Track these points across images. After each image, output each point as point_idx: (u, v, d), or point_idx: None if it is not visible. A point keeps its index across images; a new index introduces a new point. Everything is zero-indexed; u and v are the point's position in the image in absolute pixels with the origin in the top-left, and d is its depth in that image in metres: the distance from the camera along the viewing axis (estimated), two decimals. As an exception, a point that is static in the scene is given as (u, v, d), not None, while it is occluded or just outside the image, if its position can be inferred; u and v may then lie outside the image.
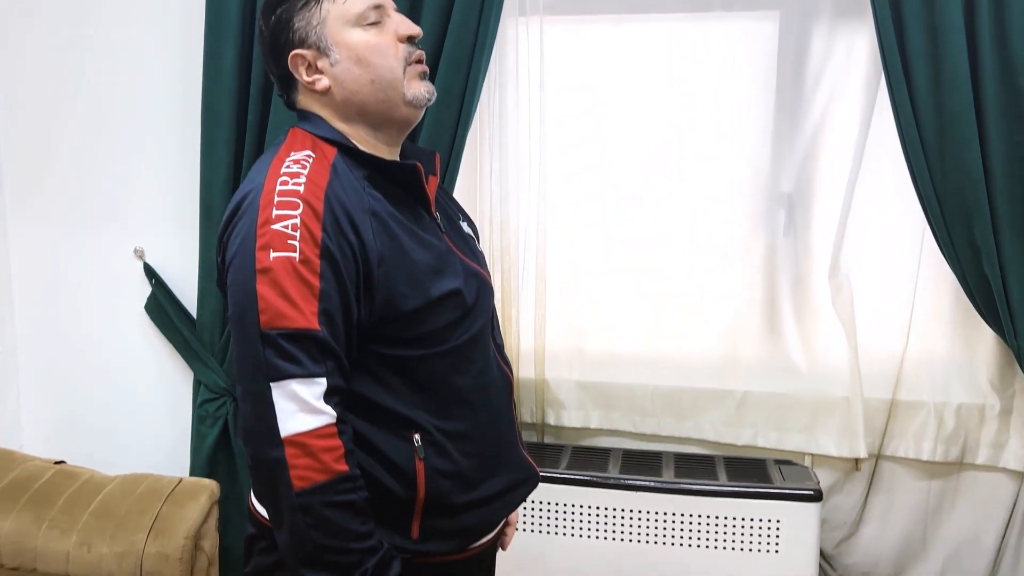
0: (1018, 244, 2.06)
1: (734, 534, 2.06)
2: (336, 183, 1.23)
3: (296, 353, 1.15)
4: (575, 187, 2.44)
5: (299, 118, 1.37)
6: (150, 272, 2.58)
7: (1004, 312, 2.10)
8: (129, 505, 2.28)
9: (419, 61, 1.34)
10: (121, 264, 2.62)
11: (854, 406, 2.28)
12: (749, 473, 2.17)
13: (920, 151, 2.07)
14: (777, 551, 2.04)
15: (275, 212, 1.17)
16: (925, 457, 2.29)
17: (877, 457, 2.32)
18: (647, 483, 2.11)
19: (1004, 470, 2.27)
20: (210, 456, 2.50)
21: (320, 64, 1.29)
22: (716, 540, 2.07)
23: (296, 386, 1.15)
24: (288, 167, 1.22)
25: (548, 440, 2.49)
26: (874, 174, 2.26)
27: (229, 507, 2.53)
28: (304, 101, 1.35)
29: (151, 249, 2.60)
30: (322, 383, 1.16)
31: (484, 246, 2.41)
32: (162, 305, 2.56)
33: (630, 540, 2.11)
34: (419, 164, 1.32)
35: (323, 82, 1.30)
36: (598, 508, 2.12)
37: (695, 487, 2.08)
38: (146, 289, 2.59)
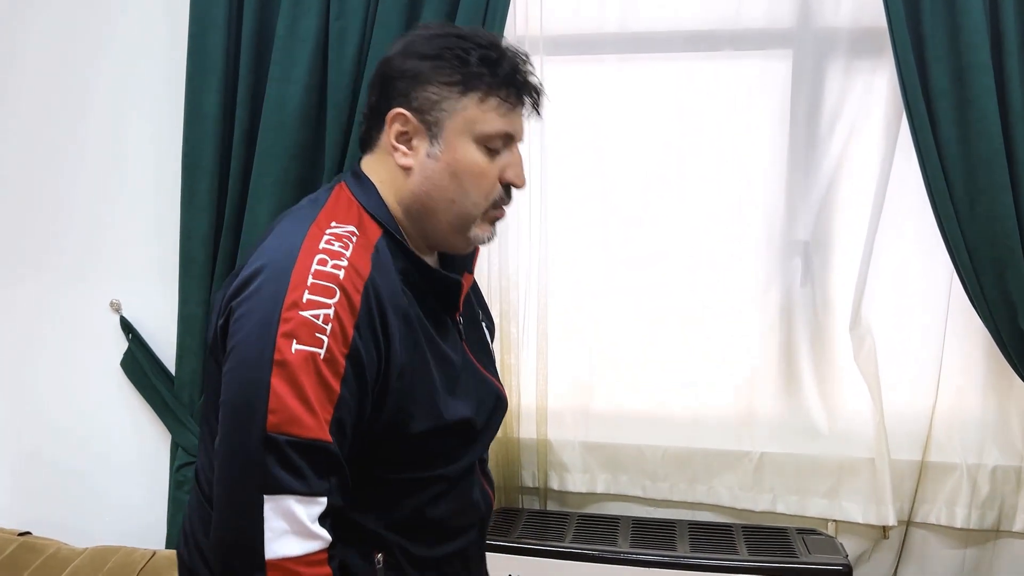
0: (1055, 296, 1.93)
1: (757, 615, 1.89)
2: (378, 275, 1.07)
3: (302, 466, 0.99)
4: (579, 235, 2.31)
5: (352, 172, 1.21)
6: (126, 326, 2.43)
7: (1041, 369, 1.95)
8: (97, 583, 2.10)
9: (501, 207, 1.21)
10: (96, 318, 2.47)
11: (880, 468, 2.13)
12: (771, 545, 2.00)
13: (947, 197, 1.94)
14: (804, 633, 1.87)
15: (307, 296, 1.01)
16: (959, 524, 2.13)
17: (907, 524, 2.16)
18: (662, 558, 1.94)
19: (1044, 538, 2.11)
20: (188, 525, 2.33)
21: (416, 142, 1.14)
22: (737, 621, 1.90)
23: (294, 503, 0.99)
24: (329, 243, 1.06)
25: (551, 507, 2.32)
26: (896, 220, 2.13)
27: (208, 580, 2.35)
28: (376, 155, 1.19)
29: (128, 302, 2.45)
30: (322, 503, 1.01)
31: (483, 290, 2.28)
32: (139, 361, 2.41)
33: (641, 623, 1.94)
34: (462, 279, 1.21)
35: (407, 160, 1.15)
36: (609, 587, 1.95)
37: (714, 563, 1.92)
38: (122, 344, 2.44)
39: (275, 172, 2.19)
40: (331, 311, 1.00)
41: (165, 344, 2.41)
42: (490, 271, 2.29)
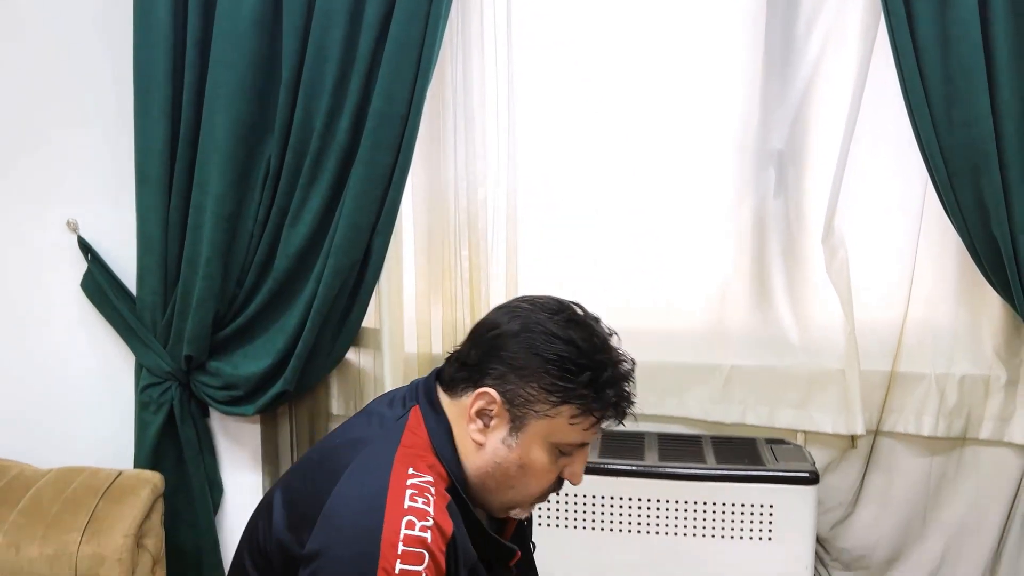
0: (1029, 202, 1.90)
1: (723, 520, 1.90)
2: (456, 531, 1.06)
3: None
4: (548, 149, 2.26)
5: (428, 399, 1.16)
6: (85, 246, 2.36)
7: (1013, 277, 1.93)
8: (62, 502, 2.08)
9: (548, 496, 1.19)
10: (53, 238, 2.40)
11: (850, 379, 2.12)
12: (739, 454, 2.01)
13: (924, 101, 1.90)
14: (770, 538, 1.89)
15: (399, 566, 0.99)
16: (926, 433, 2.14)
17: (875, 433, 2.17)
18: (629, 467, 1.94)
19: (1010, 445, 2.12)
20: (155, 446, 2.31)
21: (494, 425, 1.12)
22: (704, 527, 1.91)
23: None
24: (413, 499, 1.03)
25: (522, 422, 2.31)
26: (872, 128, 2.08)
27: (177, 501, 2.35)
28: (456, 403, 1.15)
29: (85, 222, 2.38)
30: None
31: (449, 219, 2.24)
32: (98, 282, 2.35)
33: (611, 529, 1.95)
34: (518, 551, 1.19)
35: (480, 438, 1.13)
36: (575, 496, 1.95)
37: (681, 471, 1.92)
38: (81, 265, 2.38)
39: (231, 82, 2.11)
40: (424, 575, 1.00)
41: (125, 263, 2.35)
42: (457, 195, 2.23)
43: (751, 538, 1.90)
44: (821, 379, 2.17)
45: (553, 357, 1.08)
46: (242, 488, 2.47)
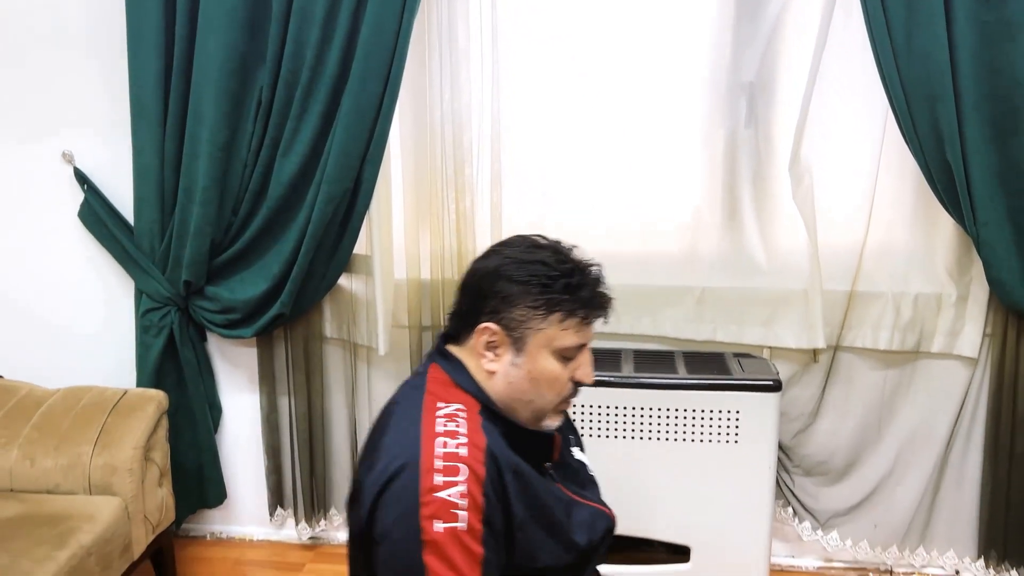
0: (981, 129, 2.03)
1: (693, 426, 2.05)
2: (491, 440, 1.20)
3: None
4: (530, 80, 2.34)
5: (440, 352, 1.31)
6: (81, 177, 2.43)
7: (964, 199, 2.07)
8: (73, 418, 2.19)
9: (569, 400, 1.31)
10: (49, 170, 2.46)
11: (813, 298, 2.27)
12: (708, 366, 2.15)
13: (885, 32, 2.01)
14: (736, 441, 2.05)
15: (438, 478, 1.13)
16: (882, 347, 2.30)
17: (835, 348, 2.33)
18: (606, 378, 2.09)
19: (959, 357, 2.29)
20: (156, 368, 2.42)
21: (501, 351, 1.26)
22: (676, 432, 2.06)
23: None
24: (444, 424, 1.19)
25: (506, 342, 2.44)
26: (837, 61, 2.19)
27: (180, 419, 2.47)
28: (464, 349, 1.29)
29: (80, 153, 2.45)
30: None
31: (436, 150, 2.33)
32: (96, 212, 2.43)
33: (591, 435, 2.09)
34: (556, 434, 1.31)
35: (493, 366, 1.27)
36: (558, 406, 2.10)
37: (655, 381, 2.07)
38: (78, 195, 2.45)
39: (222, 14, 2.17)
40: (464, 487, 1.13)
41: (122, 194, 2.43)
42: (444, 126, 2.31)
43: (719, 441, 2.06)
44: (786, 299, 2.31)
45: (530, 278, 1.23)
46: (240, 408, 2.60)
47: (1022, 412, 2.23)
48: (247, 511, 2.67)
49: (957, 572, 2.43)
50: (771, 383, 2.04)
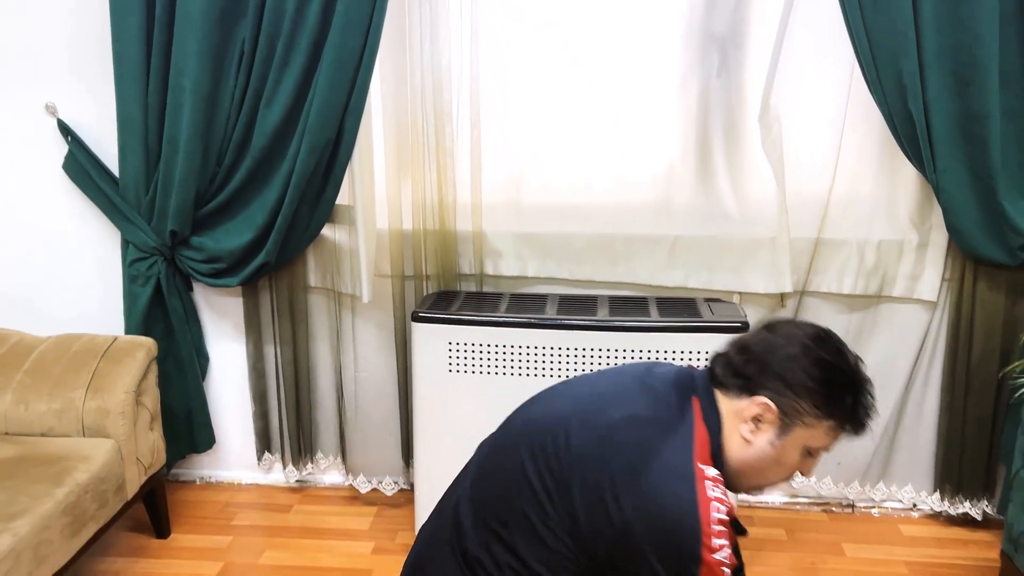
0: (942, 80, 2.11)
1: (666, 367, 2.14)
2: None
3: None
4: (508, 34, 2.38)
5: (706, 390, 1.33)
6: (65, 129, 2.46)
7: (925, 148, 2.16)
8: (64, 364, 2.25)
9: None
10: (33, 122, 2.49)
11: (781, 246, 2.36)
12: (680, 310, 2.24)
13: (852, -15, 2.08)
14: (706, 381, 2.14)
15: (715, 542, 1.20)
16: (846, 291, 2.40)
17: (801, 293, 2.43)
18: (583, 322, 2.17)
19: (919, 301, 2.40)
20: (144, 316, 2.47)
21: (764, 428, 1.30)
22: (649, 374, 2.15)
23: None
24: (711, 489, 1.24)
25: (487, 289, 2.52)
26: (806, 14, 2.25)
27: (168, 367, 2.53)
28: (729, 400, 1.32)
29: (63, 105, 2.47)
30: None
31: (416, 102, 2.38)
32: (80, 163, 2.46)
33: (570, 376, 2.18)
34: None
35: (751, 437, 1.31)
36: (536, 348, 2.18)
37: (629, 324, 2.15)
38: (62, 147, 2.48)
39: None
40: (727, 550, 1.22)
41: (106, 145, 2.46)
42: (424, 79, 2.35)
43: (689, 381, 2.15)
44: (756, 246, 2.40)
45: (824, 380, 1.27)
46: (227, 356, 2.67)
47: (978, 353, 2.34)
48: (235, 456, 2.75)
49: (914, 505, 2.57)
50: (739, 325, 2.13)
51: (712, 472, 1.27)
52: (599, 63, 2.38)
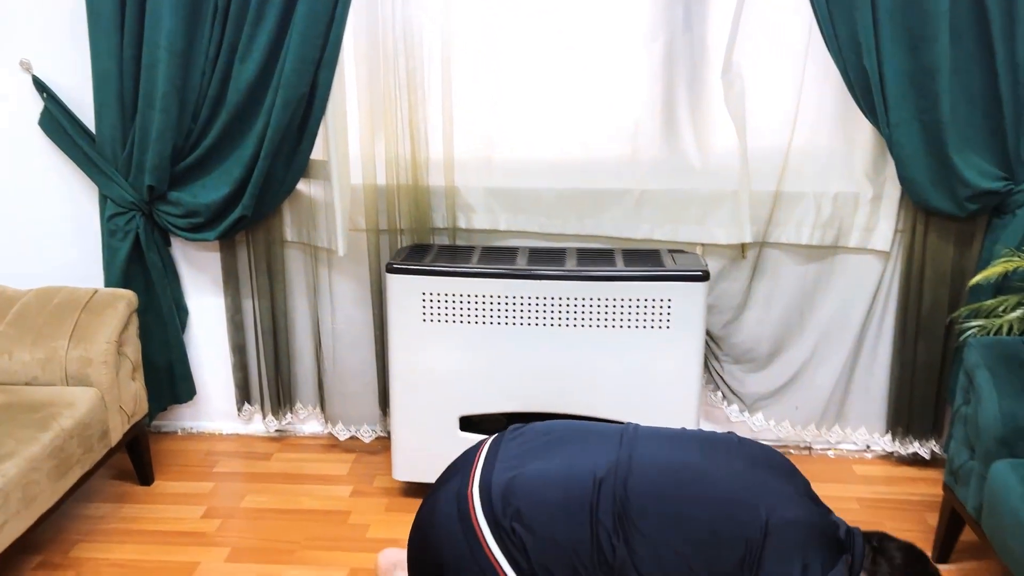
0: (894, 36, 2.19)
1: (631, 313, 2.24)
2: None
3: None
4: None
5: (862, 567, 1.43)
6: (40, 85, 2.48)
7: (879, 102, 2.25)
8: (47, 315, 2.30)
9: None
10: (8, 78, 2.51)
11: (742, 198, 2.45)
12: (645, 261, 2.33)
13: (810, -57, 2.14)
14: (668, 327, 2.24)
15: None
16: (804, 242, 2.50)
17: (761, 245, 2.52)
18: (551, 272, 2.25)
19: (873, 251, 2.50)
20: (124, 271, 2.52)
21: None
22: (615, 319, 2.25)
23: None
24: None
25: (460, 243, 2.60)
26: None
27: (149, 320, 2.59)
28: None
29: (38, 61, 2.49)
30: None
31: (388, 59, 2.42)
32: (56, 119, 2.49)
33: (539, 324, 2.27)
34: None
35: None
36: (507, 297, 2.26)
37: (595, 273, 2.24)
38: (38, 103, 2.51)
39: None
40: None
41: (82, 101, 2.49)
42: (396, 35, 2.39)
43: (653, 327, 2.25)
44: (718, 199, 2.49)
45: None
46: (206, 310, 2.73)
47: (928, 301, 2.46)
48: (216, 408, 2.83)
49: (868, 446, 2.70)
50: (700, 273, 2.23)
51: None
52: (567, 20, 2.43)
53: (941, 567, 2.14)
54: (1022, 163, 2.27)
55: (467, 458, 1.61)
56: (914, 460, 2.64)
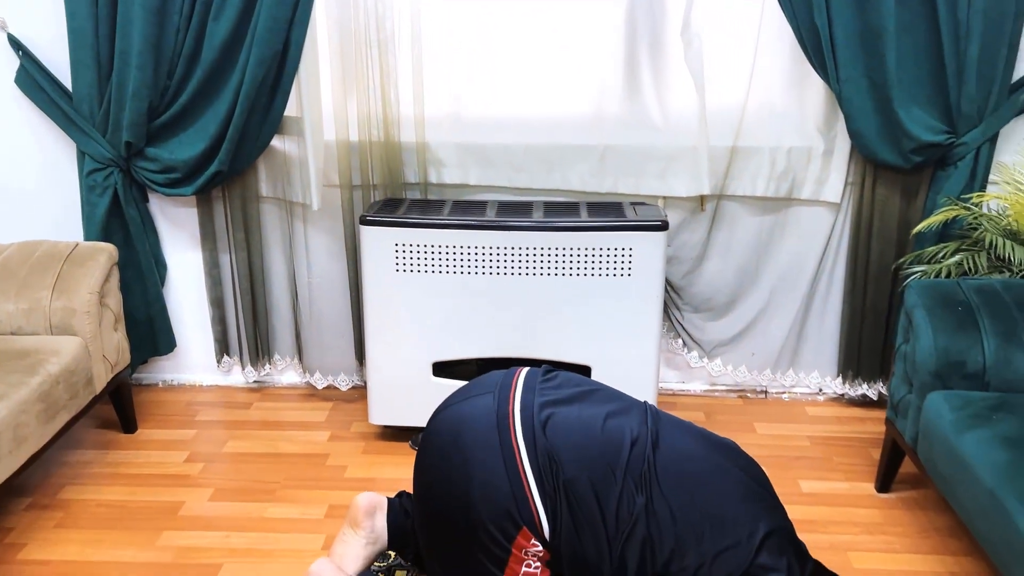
0: (845, -4, 2.31)
1: (595, 262, 2.35)
2: None
3: None
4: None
5: None
6: (16, 43, 2.52)
7: (830, 60, 2.37)
8: (29, 267, 2.37)
9: None
10: (-18, 36, 2.55)
11: (700, 153, 2.56)
12: (608, 212, 2.44)
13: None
14: (630, 274, 2.36)
15: None
16: (759, 194, 2.63)
17: (719, 197, 2.64)
18: (519, 223, 2.35)
19: (824, 203, 2.63)
20: (103, 226, 2.59)
21: None
22: (580, 268, 2.36)
23: None
24: None
25: (432, 197, 2.69)
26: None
27: (128, 274, 2.66)
28: None
29: (13, 20, 2.53)
30: None
31: (360, 16, 2.48)
32: (33, 77, 2.54)
33: (507, 274, 2.38)
34: None
35: None
36: (477, 248, 2.36)
37: (560, 224, 2.35)
38: (14, 62, 2.55)
39: None
40: None
41: (58, 59, 2.53)
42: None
43: (615, 275, 2.37)
44: (678, 154, 2.60)
45: None
46: (184, 264, 2.80)
47: (876, 250, 2.60)
48: (196, 360, 2.92)
49: (820, 389, 2.86)
50: (659, 223, 2.34)
51: None
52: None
53: (882, 496, 2.30)
54: (963, 117, 2.40)
55: (494, 381, 1.73)
56: (863, 401, 2.80)
